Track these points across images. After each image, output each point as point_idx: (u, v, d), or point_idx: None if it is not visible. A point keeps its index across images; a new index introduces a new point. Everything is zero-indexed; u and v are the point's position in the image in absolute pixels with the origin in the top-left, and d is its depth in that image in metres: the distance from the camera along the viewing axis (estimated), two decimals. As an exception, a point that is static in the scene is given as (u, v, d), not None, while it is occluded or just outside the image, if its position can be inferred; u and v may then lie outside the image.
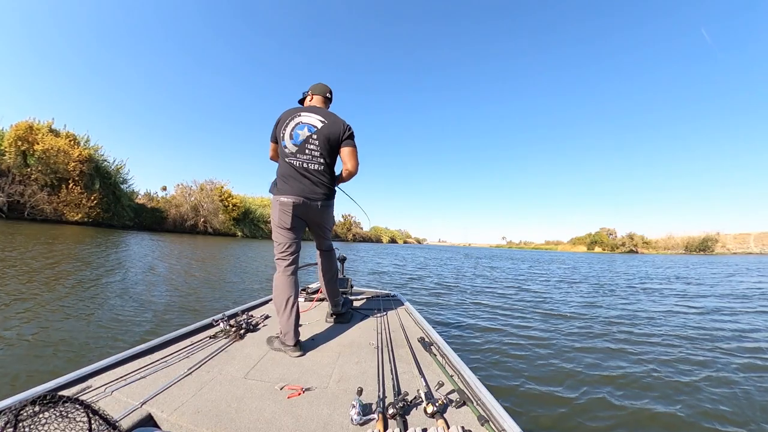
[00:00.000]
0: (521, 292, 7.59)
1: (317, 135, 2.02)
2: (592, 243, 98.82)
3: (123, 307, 4.25)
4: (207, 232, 36.55)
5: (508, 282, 9.59)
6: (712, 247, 76.17)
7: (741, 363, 3.26)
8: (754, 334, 4.32)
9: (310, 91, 2.26)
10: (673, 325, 4.74)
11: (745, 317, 5.31)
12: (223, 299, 5.26)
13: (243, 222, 41.16)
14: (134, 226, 31.02)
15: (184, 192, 37.66)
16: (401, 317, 2.60)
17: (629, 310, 5.77)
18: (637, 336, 4.12)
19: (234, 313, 2.44)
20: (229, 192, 39.89)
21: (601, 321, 4.88)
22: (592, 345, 3.73)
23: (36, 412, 0.77)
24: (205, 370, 1.55)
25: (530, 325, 4.54)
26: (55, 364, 2.51)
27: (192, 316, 4.10)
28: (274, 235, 2.03)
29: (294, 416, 1.19)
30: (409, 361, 1.72)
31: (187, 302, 4.84)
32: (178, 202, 36.49)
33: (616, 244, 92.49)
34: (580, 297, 7.12)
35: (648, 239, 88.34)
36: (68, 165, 23.61)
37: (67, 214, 23.94)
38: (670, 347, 3.70)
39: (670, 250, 79.85)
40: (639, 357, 3.38)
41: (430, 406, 1.19)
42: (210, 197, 37.79)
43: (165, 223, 34.50)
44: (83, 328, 3.34)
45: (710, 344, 3.84)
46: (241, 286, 6.71)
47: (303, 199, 1.99)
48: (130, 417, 1.13)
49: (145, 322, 3.71)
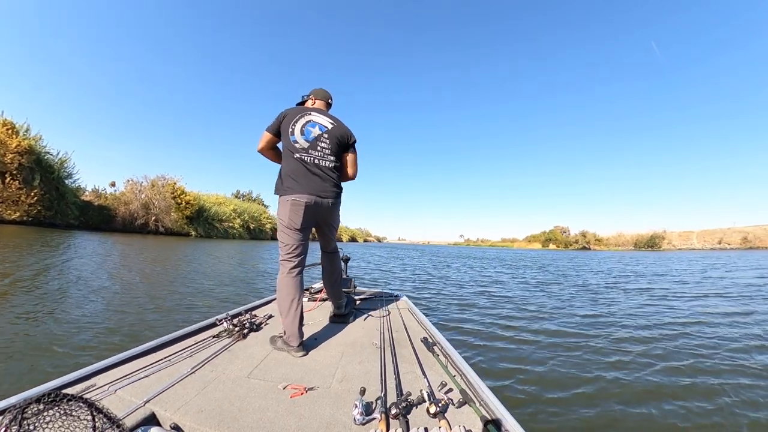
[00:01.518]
0: (519, 293, 7.56)
1: (328, 135, 2.04)
2: (547, 240, 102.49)
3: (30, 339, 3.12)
4: (158, 231, 34.45)
5: (499, 284, 9.56)
6: (659, 244, 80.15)
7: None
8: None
9: (312, 95, 2.26)
10: (692, 330, 4.69)
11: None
12: (174, 313, 4.36)
13: (197, 221, 38.96)
14: (80, 225, 28.68)
15: (134, 188, 35.09)
16: (404, 317, 2.59)
17: (628, 310, 5.73)
18: (639, 336, 4.08)
19: (237, 313, 2.45)
20: (183, 189, 37.43)
21: (601, 321, 4.85)
22: (594, 345, 3.70)
23: (40, 410, 0.78)
24: (208, 369, 1.55)
25: (532, 327, 4.52)
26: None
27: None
28: (281, 235, 1.97)
29: (297, 416, 1.19)
30: (411, 361, 1.72)
31: (125, 325, 3.74)
32: (128, 200, 34.01)
33: (569, 241, 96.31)
34: (580, 298, 7.08)
35: (600, 236, 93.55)
36: (5, 157, 20.96)
37: (4, 212, 21.47)
38: (681, 348, 3.66)
39: (620, 247, 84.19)
40: (644, 359, 3.35)
41: (432, 406, 1.18)
42: (162, 194, 35.35)
43: (113, 222, 32.31)
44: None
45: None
46: (202, 297, 5.57)
47: (315, 197, 1.96)
48: (133, 415, 1.13)
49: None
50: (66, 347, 3.02)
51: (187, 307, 4.87)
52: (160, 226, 34.75)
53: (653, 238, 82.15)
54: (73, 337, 3.30)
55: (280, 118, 2.05)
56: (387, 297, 3.30)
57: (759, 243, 68.11)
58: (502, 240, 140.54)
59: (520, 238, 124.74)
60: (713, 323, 4.80)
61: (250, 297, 5.74)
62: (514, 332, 4.19)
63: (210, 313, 4.08)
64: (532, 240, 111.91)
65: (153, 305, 4.78)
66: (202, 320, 2.23)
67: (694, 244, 79.05)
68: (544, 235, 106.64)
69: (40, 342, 3.11)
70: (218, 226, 41.46)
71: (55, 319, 3.78)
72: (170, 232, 35.17)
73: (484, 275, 11.46)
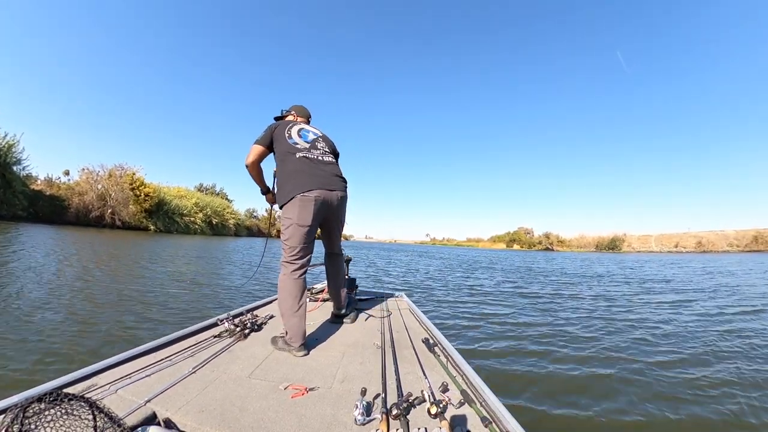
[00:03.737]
0: (516, 295, 7.54)
1: (323, 139, 2.14)
2: (511, 241, 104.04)
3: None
4: (115, 225, 32.07)
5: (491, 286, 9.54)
6: (619, 246, 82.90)
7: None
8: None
9: (294, 111, 2.32)
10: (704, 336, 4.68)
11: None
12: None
13: (156, 214, 36.44)
14: (28, 216, 26.42)
15: (89, 178, 32.45)
16: (405, 318, 2.59)
17: (637, 313, 5.71)
18: (641, 338, 4.07)
19: (239, 313, 2.45)
20: (142, 180, 34.92)
21: (601, 322, 4.84)
22: (598, 346, 3.69)
23: (42, 410, 0.78)
24: (209, 369, 1.55)
25: (535, 328, 4.51)
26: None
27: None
28: (288, 235, 1.90)
29: (297, 416, 1.19)
30: (412, 361, 1.72)
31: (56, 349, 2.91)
32: (83, 190, 31.31)
33: (533, 242, 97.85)
34: (580, 299, 7.06)
35: (563, 238, 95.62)
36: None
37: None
38: (685, 351, 3.65)
39: (582, 248, 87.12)
40: (647, 360, 3.34)
41: (433, 406, 1.18)
42: (119, 185, 32.95)
43: (66, 214, 29.65)
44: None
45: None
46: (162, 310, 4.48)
47: (324, 192, 1.93)
48: (134, 415, 1.13)
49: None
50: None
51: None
52: (117, 219, 32.36)
53: (614, 241, 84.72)
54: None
55: (271, 129, 2.07)
56: (388, 297, 3.31)
57: (712, 247, 73.20)
58: (467, 240, 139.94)
59: (485, 238, 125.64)
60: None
61: (248, 299, 5.74)
62: (515, 334, 4.18)
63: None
64: (497, 240, 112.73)
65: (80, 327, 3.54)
66: (202, 321, 2.23)
67: (653, 247, 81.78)
68: (509, 235, 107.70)
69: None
70: (179, 220, 39.07)
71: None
72: (128, 226, 33.01)
73: (482, 279, 11.44)
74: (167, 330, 3.20)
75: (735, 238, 73.48)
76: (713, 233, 78.03)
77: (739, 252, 64.71)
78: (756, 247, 68.17)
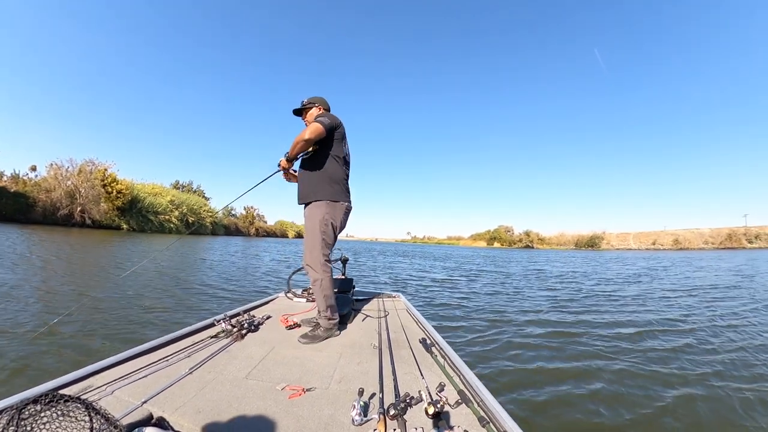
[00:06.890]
0: (513, 294, 7.57)
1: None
2: (492, 239, 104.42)
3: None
4: (85, 223, 30.16)
5: (488, 287, 9.57)
6: (599, 244, 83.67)
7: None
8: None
9: (319, 104, 2.33)
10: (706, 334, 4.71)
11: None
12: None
13: (129, 212, 34.68)
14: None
15: (58, 174, 30.22)
16: (403, 318, 2.60)
17: (628, 312, 5.75)
18: (643, 338, 4.10)
19: (236, 313, 2.44)
20: (114, 176, 33.13)
21: (601, 322, 4.86)
22: (593, 345, 3.71)
23: (38, 411, 0.77)
24: (206, 369, 1.55)
25: (532, 328, 4.53)
26: None
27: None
28: (325, 239, 2.13)
29: (295, 417, 1.19)
30: (410, 361, 1.72)
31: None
32: (50, 186, 29.28)
33: (513, 240, 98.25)
34: (579, 299, 7.09)
35: (543, 236, 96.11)
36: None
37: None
38: (688, 353, 3.68)
39: (562, 246, 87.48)
40: (646, 360, 3.36)
41: (430, 407, 1.18)
42: (90, 181, 30.92)
43: (32, 213, 27.86)
44: None
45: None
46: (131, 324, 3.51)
47: (349, 206, 2.29)
48: (131, 416, 1.13)
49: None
50: None
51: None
52: (87, 217, 30.33)
53: (593, 239, 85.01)
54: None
55: (336, 123, 2.14)
56: (385, 298, 3.31)
57: (688, 244, 74.78)
58: (448, 238, 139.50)
59: (466, 236, 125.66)
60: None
61: (245, 300, 5.71)
62: (511, 333, 4.19)
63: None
64: (477, 238, 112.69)
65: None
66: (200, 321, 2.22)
67: (631, 245, 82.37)
68: (489, 233, 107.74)
69: None
70: (153, 219, 37.13)
71: None
72: (98, 225, 31.01)
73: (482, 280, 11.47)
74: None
75: (710, 236, 75.38)
76: (689, 231, 79.40)
77: (714, 249, 66.04)
78: (730, 244, 70.46)
